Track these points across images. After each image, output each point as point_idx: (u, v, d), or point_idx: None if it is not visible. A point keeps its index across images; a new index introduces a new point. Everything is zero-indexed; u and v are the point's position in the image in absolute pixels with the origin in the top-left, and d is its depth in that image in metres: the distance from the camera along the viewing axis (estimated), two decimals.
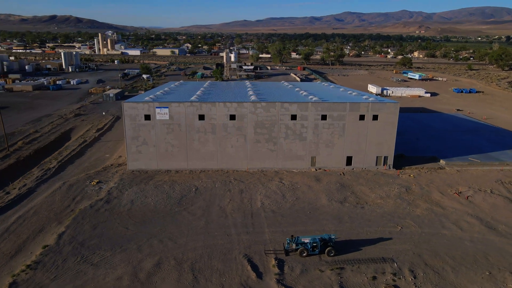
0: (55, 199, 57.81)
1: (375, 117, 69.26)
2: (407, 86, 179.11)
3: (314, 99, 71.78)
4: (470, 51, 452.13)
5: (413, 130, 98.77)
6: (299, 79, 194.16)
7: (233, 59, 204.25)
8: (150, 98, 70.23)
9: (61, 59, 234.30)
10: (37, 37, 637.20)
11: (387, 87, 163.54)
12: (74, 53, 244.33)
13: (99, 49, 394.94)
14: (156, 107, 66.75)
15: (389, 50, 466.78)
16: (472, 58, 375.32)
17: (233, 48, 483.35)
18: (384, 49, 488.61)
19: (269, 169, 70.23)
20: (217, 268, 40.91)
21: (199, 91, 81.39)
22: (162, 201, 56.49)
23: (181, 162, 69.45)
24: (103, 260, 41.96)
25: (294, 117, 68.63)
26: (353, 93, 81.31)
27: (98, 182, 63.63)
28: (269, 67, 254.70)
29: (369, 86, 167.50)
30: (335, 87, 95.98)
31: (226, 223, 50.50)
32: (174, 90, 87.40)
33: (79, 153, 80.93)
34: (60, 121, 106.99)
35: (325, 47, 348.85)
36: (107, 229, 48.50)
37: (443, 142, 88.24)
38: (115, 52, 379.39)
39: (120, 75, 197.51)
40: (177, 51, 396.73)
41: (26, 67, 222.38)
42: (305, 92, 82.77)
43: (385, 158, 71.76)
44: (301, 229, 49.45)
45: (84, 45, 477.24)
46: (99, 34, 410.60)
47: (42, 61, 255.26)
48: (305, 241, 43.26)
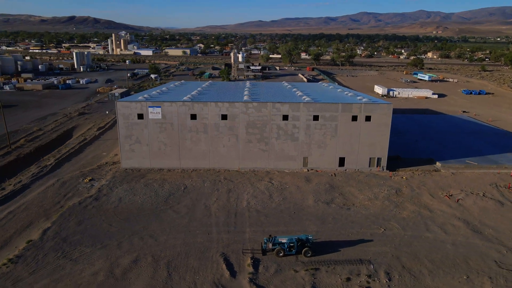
0: (47, 195, 59.16)
1: (368, 118, 68.71)
2: (415, 87, 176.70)
3: (306, 99, 71.64)
4: (487, 52, 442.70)
5: (413, 132, 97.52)
6: (306, 80, 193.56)
7: (240, 59, 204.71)
8: (143, 97, 71.20)
9: (73, 59, 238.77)
10: (54, 37, 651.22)
11: (394, 88, 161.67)
12: (85, 53, 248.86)
13: (112, 49, 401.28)
14: (149, 107, 67.63)
15: (403, 51, 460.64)
16: (487, 59, 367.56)
17: (245, 48, 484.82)
18: (398, 50, 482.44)
19: (260, 169, 70.38)
20: (192, 266, 41.33)
21: (195, 91, 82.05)
22: (150, 199, 57.25)
23: (173, 161, 70.19)
24: (82, 255, 42.82)
25: (285, 118, 68.62)
26: (349, 94, 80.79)
27: (91, 180, 64.83)
28: (278, 68, 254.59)
29: (375, 87, 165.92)
30: (334, 88, 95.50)
31: (209, 222, 50.89)
32: (172, 89, 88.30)
33: (78, 151, 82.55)
34: (64, 119, 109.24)
35: (335, 47, 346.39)
36: (91, 225, 49.44)
37: (443, 144, 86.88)
38: (128, 52, 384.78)
39: (129, 74, 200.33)
40: (188, 51, 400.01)
41: (40, 66, 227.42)
42: (301, 92, 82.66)
43: (379, 159, 71.11)
44: (282, 229, 49.49)
45: (99, 45, 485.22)
46: (113, 35, 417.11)
47: (55, 61, 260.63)
48: (282, 241, 43.31)
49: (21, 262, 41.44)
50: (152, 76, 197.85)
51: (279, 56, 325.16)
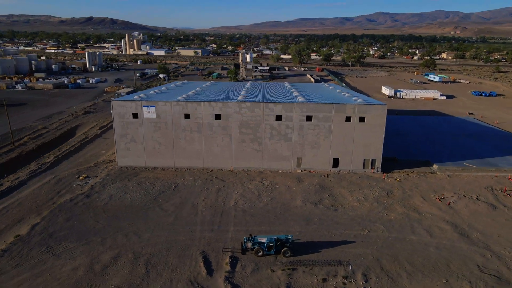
0: (42, 192, 60.60)
1: (361, 119, 68.21)
2: (424, 89, 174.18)
3: (300, 99, 71.56)
4: (504, 52, 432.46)
5: (415, 133, 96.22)
6: (313, 80, 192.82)
7: (248, 59, 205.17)
8: (139, 96, 72.24)
9: (85, 59, 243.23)
10: (71, 38, 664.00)
11: (401, 89, 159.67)
12: (97, 53, 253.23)
13: (125, 50, 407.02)
14: (144, 106, 68.59)
15: (417, 52, 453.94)
16: (504, 60, 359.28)
17: (257, 48, 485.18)
18: (412, 51, 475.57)
19: (254, 169, 70.58)
20: (171, 263, 41.85)
21: (193, 91, 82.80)
22: (139, 197, 58.09)
23: (167, 160, 70.99)
24: (66, 251, 43.81)
25: (279, 118, 68.68)
26: (346, 95, 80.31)
27: (86, 177, 66.11)
28: (287, 68, 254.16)
29: (382, 88, 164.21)
30: (334, 88, 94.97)
31: (194, 220, 51.38)
32: (172, 89, 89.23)
33: (78, 149, 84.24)
34: (69, 118, 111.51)
35: (346, 48, 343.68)
36: (79, 222, 50.47)
37: (443, 146, 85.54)
38: (140, 53, 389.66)
39: (138, 74, 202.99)
40: (200, 51, 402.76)
41: (53, 66, 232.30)
42: (298, 93, 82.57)
43: (373, 160, 70.51)
44: (266, 229, 49.63)
45: (113, 45, 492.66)
46: (126, 35, 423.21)
47: (68, 61, 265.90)
48: (261, 240, 43.48)
49: (6, 255, 42.64)
50: (161, 76, 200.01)
51: (290, 56, 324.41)
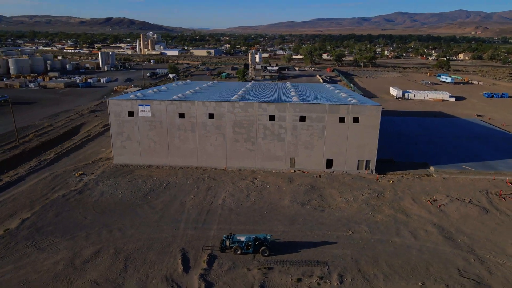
0: (37, 187, 62.19)
1: (355, 120, 67.69)
2: (435, 90, 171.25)
3: (294, 99, 71.47)
4: None
5: (416, 135, 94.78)
6: (322, 81, 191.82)
7: (258, 59, 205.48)
8: (135, 95, 73.39)
9: (99, 58, 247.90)
10: (89, 38, 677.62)
11: (409, 90, 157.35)
12: (110, 53, 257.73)
13: (140, 50, 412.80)
14: (139, 105, 69.66)
15: (433, 52, 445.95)
16: None
17: (270, 49, 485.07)
18: (429, 51, 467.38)
19: (247, 169, 70.83)
20: (150, 260, 42.49)
21: (191, 90, 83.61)
22: (130, 194, 59.05)
23: (162, 159, 71.90)
24: (50, 245, 44.95)
25: (272, 118, 68.77)
26: (343, 95, 79.78)
27: (82, 174, 67.53)
28: (297, 69, 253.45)
29: (390, 89, 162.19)
30: (335, 89, 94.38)
31: (180, 218, 51.97)
32: (172, 88, 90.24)
33: (79, 146, 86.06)
34: (75, 116, 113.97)
35: (358, 48, 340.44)
36: (67, 217, 51.66)
37: (444, 148, 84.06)
38: (154, 52, 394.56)
39: (148, 74, 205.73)
40: (213, 51, 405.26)
41: (67, 66, 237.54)
42: (296, 93, 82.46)
43: (367, 162, 69.88)
44: (250, 228, 49.85)
45: (129, 45, 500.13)
46: (141, 35, 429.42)
47: (82, 60, 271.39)
48: (240, 239, 43.72)
49: None
50: (170, 75, 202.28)
51: (302, 57, 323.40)
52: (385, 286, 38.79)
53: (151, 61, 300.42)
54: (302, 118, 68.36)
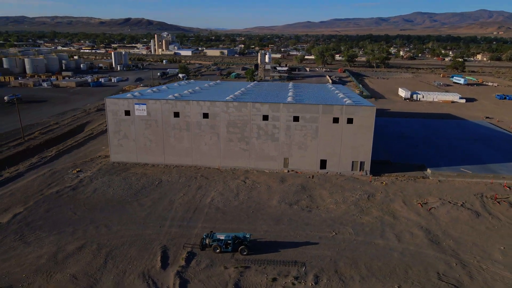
0: (34, 183, 63.88)
1: (350, 120, 67.18)
2: (446, 91, 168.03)
3: (289, 100, 71.39)
4: None
5: (418, 136, 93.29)
6: (331, 81, 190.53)
7: (267, 60, 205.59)
8: (131, 94, 74.56)
9: (112, 58, 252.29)
10: (107, 38, 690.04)
11: (418, 91, 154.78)
12: (123, 53, 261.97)
13: (154, 50, 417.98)
14: (135, 104, 70.77)
15: (450, 53, 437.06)
16: None
17: (284, 49, 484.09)
18: (446, 52, 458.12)
19: (241, 168, 71.11)
20: (130, 256, 43.22)
21: (191, 89, 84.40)
22: (121, 192, 60.07)
23: (158, 157, 72.84)
24: (36, 239, 46.20)
25: (266, 118, 68.86)
26: (340, 95, 79.22)
27: (78, 171, 69.01)
28: (308, 69, 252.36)
29: (399, 90, 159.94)
30: (335, 89, 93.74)
31: (166, 216, 52.62)
32: (172, 88, 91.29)
33: (80, 144, 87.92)
34: (82, 114, 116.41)
35: (370, 48, 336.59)
36: (58, 213, 52.95)
37: (445, 150, 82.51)
38: (168, 53, 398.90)
39: (159, 74, 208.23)
40: (226, 51, 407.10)
41: (81, 65, 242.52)
42: (293, 93, 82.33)
43: (362, 163, 69.25)
44: (234, 227, 50.13)
45: (144, 45, 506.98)
46: (155, 36, 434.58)
47: (95, 60, 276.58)
48: (220, 237, 44.05)
49: None
50: (180, 75, 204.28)
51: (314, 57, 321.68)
52: (360, 287, 38.50)
53: (164, 61, 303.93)
54: (296, 119, 68.23)
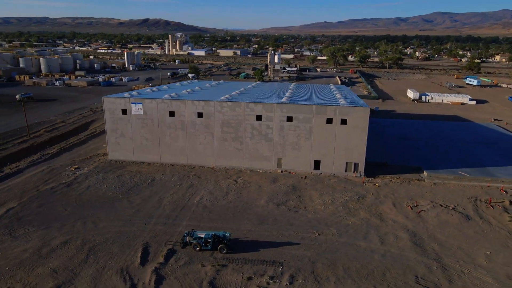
0: (32, 180, 65.61)
1: (343, 121, 66.74)
2: (457, 93, 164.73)
3: (283, 100, 71.36)
4: None
5: (420, 138, 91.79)
6: (340, 82, 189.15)
7: (276, 60, 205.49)
8: (128, 93, 75.77)
9: (125, 58, 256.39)
10: (124, 38, 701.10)
11: (427, 93, 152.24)
12: (136, 53, 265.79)
13: (168, 50, 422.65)
14: (132, 103, 71.91)
15: (468, 54, 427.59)
16: None
17: (297, 50, 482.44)
18: (464, 52, 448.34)
19: (235, 168, 71.44)
20: (111, 252, 44.05)
21: (190, 89, 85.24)
22: (113, 189, 61.16)
23: (154, 156, 73.81)
24: (24, 234, 47.52)
25: (259, 118, 69.01)
26: (338, 95, 78.71)
27: (76, 169, 70.54)
28: (319, 70, 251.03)
29: (408, 91, 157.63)
30: (335, 90, 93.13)
31: (153, 213, 53.36)
32: (173, 87, 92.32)
33: (82, 142, 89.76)
34: (88, 113, 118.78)
35: (383, 49, 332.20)
36: (49, 208, 54.30)
37: (446, 153, 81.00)
38: (182, 53, 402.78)
39: (169, 74, 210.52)
40: (239, 52, 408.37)
41: (95, 65, 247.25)
42: (291, 93, 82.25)
43: (356, 164, 68.67)
44: (218, 225, 50.49)
45: (159, 46, 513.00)
46: (169, 36, 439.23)
47: (110, 60, 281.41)
48: (200, 236, 44.47)
49: None
50: (190, 75, 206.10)
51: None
52: None
53: (177, 61, 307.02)
54: (289, 119, 68.18)
